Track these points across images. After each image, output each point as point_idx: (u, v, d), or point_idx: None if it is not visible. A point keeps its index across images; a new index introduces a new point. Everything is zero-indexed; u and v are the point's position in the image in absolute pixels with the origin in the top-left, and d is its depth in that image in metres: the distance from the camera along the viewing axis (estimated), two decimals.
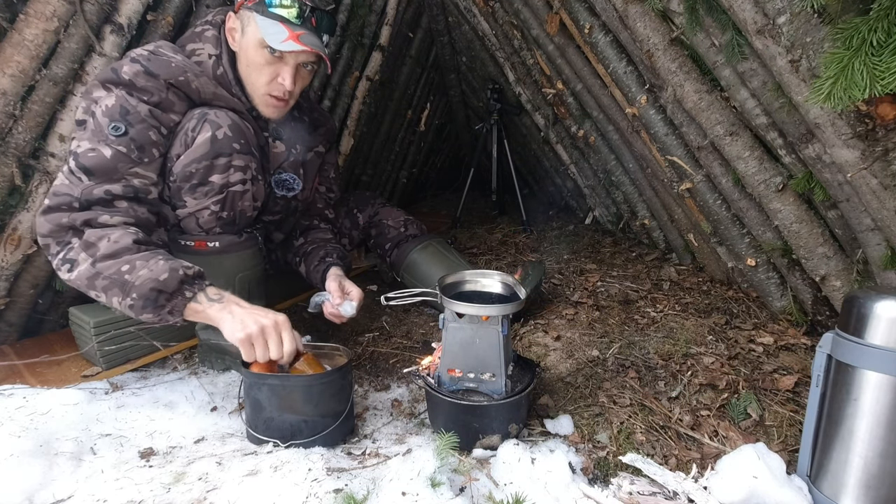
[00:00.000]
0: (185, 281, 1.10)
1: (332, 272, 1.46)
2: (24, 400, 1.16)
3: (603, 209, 2.74)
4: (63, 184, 1.12)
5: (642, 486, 0.99)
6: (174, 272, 1.09)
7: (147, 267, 1.08)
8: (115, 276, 1.07)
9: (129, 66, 1.16)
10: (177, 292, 1.09)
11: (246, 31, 1.26)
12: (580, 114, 2.30)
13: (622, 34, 1.62)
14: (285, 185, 1.48)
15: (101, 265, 1.08)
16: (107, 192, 1.12)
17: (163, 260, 1.10)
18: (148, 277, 1.07)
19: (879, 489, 0.87)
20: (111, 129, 1.13)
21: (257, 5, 1.23)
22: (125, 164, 1.15)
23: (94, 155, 1.13)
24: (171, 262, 1.10)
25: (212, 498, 0.89)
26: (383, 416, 1.26)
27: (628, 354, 1.48)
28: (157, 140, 1.19)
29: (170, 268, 1.09)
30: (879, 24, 0.85)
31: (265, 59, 1.25)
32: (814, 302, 1.54)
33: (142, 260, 1.09)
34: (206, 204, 1.26)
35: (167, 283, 1.07)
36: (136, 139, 1.16)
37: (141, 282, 1.06)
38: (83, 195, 1.11)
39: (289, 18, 1.23)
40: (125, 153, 1.15)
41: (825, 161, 1.23)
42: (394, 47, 2.62)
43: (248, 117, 1.33)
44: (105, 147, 1.13)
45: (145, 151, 1.18)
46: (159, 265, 1.08)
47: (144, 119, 1.16)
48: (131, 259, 1.08)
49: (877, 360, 0.86)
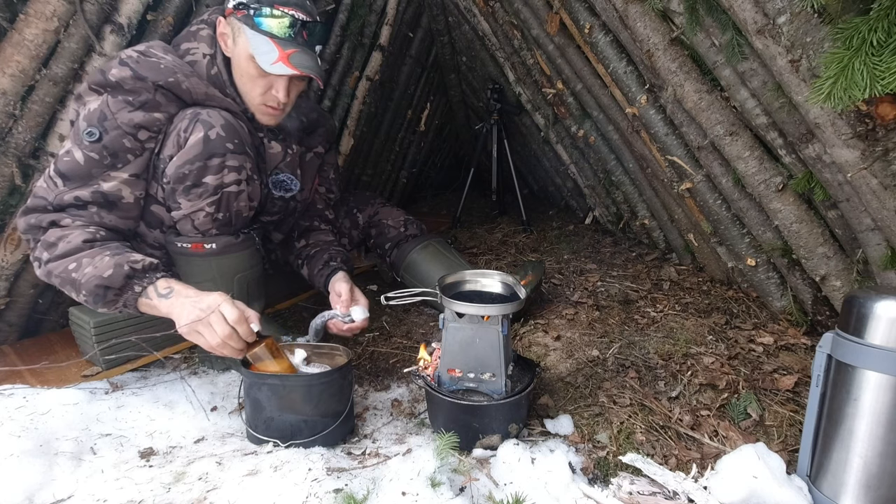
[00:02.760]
0: (132, 276, 1.11)
1: (339, 277, 1.45)
2: (24, 400, 1.16)
3: (603, 209, 2.74)
4: (41, 186, 1.17)
5: (642, 486, 0.99)
6: (118, 267, 1.09)
7: (92, 264, 1.10)
8: (64, 274, 1.11)
9: (118, 69, 1.15)
10: (125, 287, 1.10)
11: (237, 42, 1.24)
12: (580, 114, 2.30)
13: (622, 34, 1.62)
14: (283, 185, 1.47)
15: (52, 265, 1.12)
16: (76, 198, 1.15)
17: (109, 256, 1.12)
18: (93, 275, 1.09)
19: (879, 489, 0.87)
20: (85, 135, 1.15)
21: (246, 18, 1.21)
22: (98, 170, 1.17)
23: (68, 160, 1.15)
24: (117, 258, 1.11)
25: (212, 498, 0.89)
26: (383, 416, 1.26)
27: (628, 354, 1.48)
28: (133, 146, 1.19)
29: (114, 263, 1.10)
30: (879, 24, 0.85)
31: (257, 72, 1.24)
32: (814, 302, 1.54)
33: (88, 257, 1.12)
34: (201, 205, 1.24)
35: (112, 279, 1.09)
36: (109, 146, 1.16)
37: (86, 279, 1.09)
38: (55, 199, 1.15)
39: (279, 35, 1.20)
40: (97, 159, 1.16)
41: (825, 161, 1.23)
42: (394, 47, 2.62)
43: (243, 117, 1.31)
44: (78, 151, 1.15)
45: (118, 157, 1.18)
46: (104, 261, 1.10)
47: (120, 126, 1.16)
48: (78, 257, 1.12)
49: (877, 360, 0.86)
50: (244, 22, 1.21)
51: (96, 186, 1.17)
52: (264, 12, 1.19)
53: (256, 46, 1.20)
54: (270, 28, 1.20)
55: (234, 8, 1.22)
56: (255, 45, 1.20)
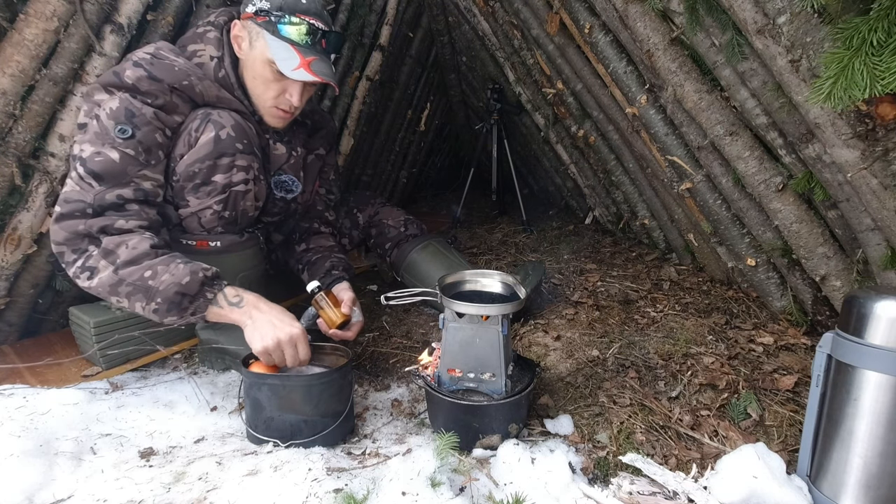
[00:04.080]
0: (206, 283, 1.13)
1: (342, 287, 1.47)
2: (24, 400, 1.16)
3: (603, 209, 2.74)
4: (74, 190, 1.13)
5: (642, 486, 0.99)
6: (195, 275, 1.11)
7: (168, 271, 1.10)
8: (139, 282, 1.10)
9: (132, 71, 1.16)
10: (199, 294, 1.12)
11: (254, 45, 1.26)
12: (580, 114, 2.30)
13: (622, 34, 1.62)
14: (284, 186, 1.48)
15: (124, 272, 1.10)
16: (119, 196, 1.14)
17: (182, 263, 1.13)
18: (171, 282, 1.09)
19: (879, 489, 0.87)
20: (118, 132, 1.14)
21: (267, 24, 1.23)
22: (134, 167, 1.16)
23: (101, 159, 1.13)
24: (190, 266, 1.13)
25: (212, 498, 0.89)
26: (383, 416, 1.26)
27: (628, 354, 1.48)
28: (163, 142, 1.20)
29: (190, 271, 1.11)
30: (879, 24, 0.85)
31: (273, 76, 1.26)
32: (814, 302, 1.54)
33: (162, 265, 1.11)
34: (209, 203, 1.26)
35: (189, 286, 1.10)
36: (143, 141, 1.16)
37: (165, 286, 1.09)
38: (96, 201, 1.12)
39: (298, 42, 1.23)
40: (133, 156, 1.15)
41: (825, 161, 1.23)
42: (394, 47, 2.62)
43: (251, 118, 1.33)
44: (112, 150, 1.14)
45: (152, 154, 1.19)
46: (180, 269, 1.11)
47: (150, 121, 1.17)
48: (152, 264, 1.11)
49: (877, 360, 0.86)
50: (264, 27, 1.23)
51: (136, 184, 1.16)
52: (287, 20, 1.22)
53: (276, 52, 1.22)
54: (290, 35, 1.23)
55: (255, 13, 1.24)
56: (275, 51, 1.22)
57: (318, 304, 1.35)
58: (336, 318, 1.34)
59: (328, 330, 1.37)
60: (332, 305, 1.35)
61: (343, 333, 1.38)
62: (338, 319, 1.35)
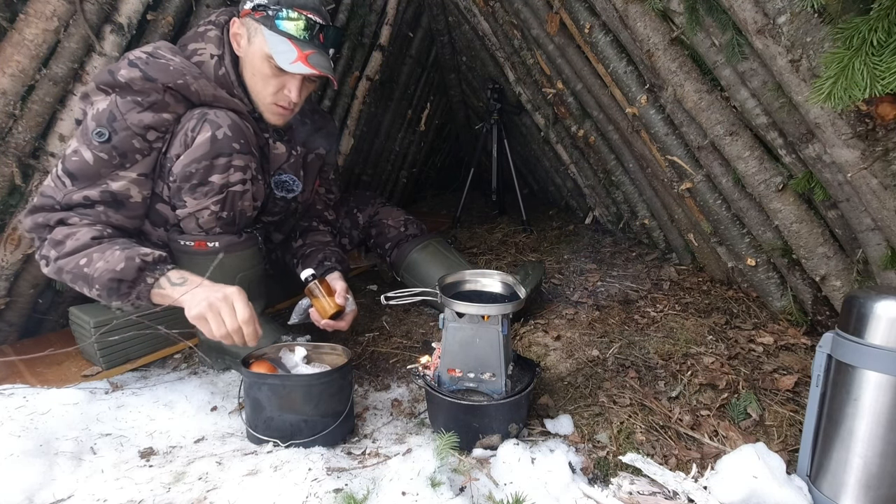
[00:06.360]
0: (144, 268, 1.13)
1: (333, 276, 1.46)
2: (24, 400, 1.16)
3: (603, 209, 2.74)
4: (49, 186, 1.18)
5: (642, 486, 0.99)
6: (130, 261, 1.12)
7: (104, 258, 1.12)
8: (76, 269, 1.13)
9: (127, 70, 1.16)
10: (137, 280, 1.13)
11: (252, 41, 1.26)
12: (580, 113, 2.30)
13: (622, 34, 1.62)
14: (285, 186, 1.48)
15: (62, 262, 1.14)
16: (85, 197, 1.17)
17: (119, 250, 1.14)
18: (105, 269, 1.11)
19: (879, 489, 0.87)
20: (95, 135, 1.15)
21: (265, 19, 1.23)
22: (106, 169, 1.18)
23: (77, 159, 1.16)
24: (127, 252, 1.13)
25: (212, 498, 0.89)
26: (383, 415, 1.26)
27: (628, 354, 1.48)
28: (141, 146, 1.20)
29: (126, 257, 1.12)
30: (880, 24, 0.85)
31: (272, 72, 1.26)
32: (814, 302, 1.54)
33: (98, 252, 1.13)
34: (206, 204, 1.26)
35: (125, 272, 1.11)
36: (118, 147, 1.17)
37: (99, 273, 1.11)
38: (64, 199, 1.16)
39: (296, 36, 1.23)
40: (106, 159, 1.17)
41: (825, 161, 1.23)
42: (394, 47, 2.62)
43: (249, 118, 1.32)
44: (87, 151, 1.16)
45: (127, 157, 1.19)
46: (115, 256, 1.12)
47: (129, 127, 1.17)
48: (88, 253, 1.14)
49: (877, 360, 0.86)
50: (262, 23, 1.24)
51: (105, 186, 1.18)
52: (285, 14, 1.22)
53: (274, 46, 1.23)
54: (288, 29, 1.23)
55: (252, 9, 1.24)
56: (273, 45, 1.23)
57: (311, 293, 1.35)
58: (329, 308, 1.34)
59: (321, 320, 1.37)
60: (325, 294, 1.35)
61: (336, 324, 1.37)
62: (331, 309, 1.34)
